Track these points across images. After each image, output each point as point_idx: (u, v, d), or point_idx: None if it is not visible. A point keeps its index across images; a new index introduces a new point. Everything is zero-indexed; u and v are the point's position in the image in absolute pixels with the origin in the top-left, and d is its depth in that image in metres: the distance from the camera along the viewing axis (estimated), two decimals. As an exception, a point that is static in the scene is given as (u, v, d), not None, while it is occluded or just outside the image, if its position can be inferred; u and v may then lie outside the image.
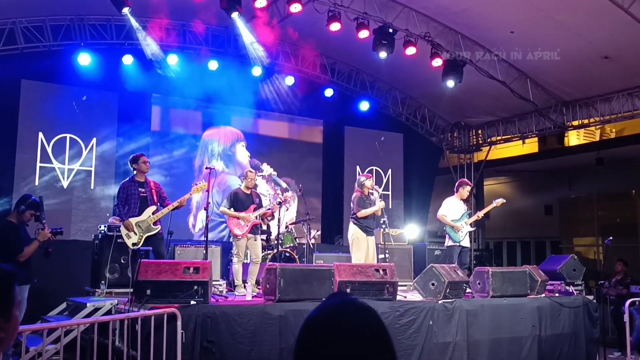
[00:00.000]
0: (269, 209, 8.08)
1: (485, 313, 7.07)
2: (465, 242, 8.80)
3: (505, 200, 9.14)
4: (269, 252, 9.19)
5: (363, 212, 8.19)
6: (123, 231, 7.16)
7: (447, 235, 8.85)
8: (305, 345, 1.32)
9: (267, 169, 11.94)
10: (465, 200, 9.38)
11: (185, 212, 10.42)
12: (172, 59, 10.73)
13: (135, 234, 7.15)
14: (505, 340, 7.16)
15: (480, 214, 9.11)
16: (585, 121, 12.12)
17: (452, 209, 8.88)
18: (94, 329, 5.06)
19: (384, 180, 13.68)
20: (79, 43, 10.20)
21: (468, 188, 9.05)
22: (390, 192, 13.68)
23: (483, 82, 11.27)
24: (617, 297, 9.65)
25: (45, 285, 7.76)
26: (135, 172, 7.43)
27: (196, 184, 7.52)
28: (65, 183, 10.14)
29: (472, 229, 8.98)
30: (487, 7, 9.86)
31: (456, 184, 9.16)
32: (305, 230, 9.88)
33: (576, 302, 7.91)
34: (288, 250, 9.40)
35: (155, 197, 7.41)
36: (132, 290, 5.83)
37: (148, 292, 5.61)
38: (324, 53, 12.21)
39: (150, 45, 10.20)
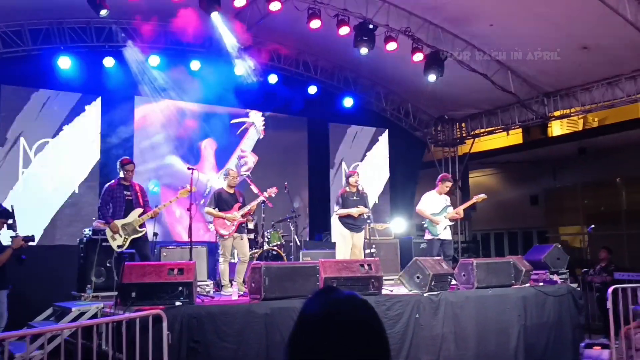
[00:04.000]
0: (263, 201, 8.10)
1: (470, 304, 7.12)
2: (446, 235, 8.84)
3: (486, 196, 9.20)
4: (256, 250, 9.20)
5: (339, 213, 8.25)
6: (108, 233, 7.16)
7: (426, 230, 8.91)
8: (302, 342, 1.28)
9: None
10: (451, 193, 9.43)
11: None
12: (154, 60, 10.70)
13: (121, 236, 7.16)
14: (492, 331, 7.22)
15: (460, 210, 9.15)
16: (567, 111, 12.24)
17: (431, 203, 8.92)
18: (79, 333, 5.04)
19: (370, 176, 13.70)
20: (59, 47, 10.13)
21: (448, 184, 9.07)
22: (375, 187, 13.73)
23: (465, 75, 11.33)
24: (601, 284, 9.76)
25: (32, 291, 7.77)
26: (121, 175, 7.44)
27: (183, 187, 7.52)
28: (49, 187, 10.08)
29: (451, 223, 9.02)
30: (466, 1, 9.91)
31: (437, 179, 9.21)
32: (292, 228, 9.89)
33: (560, 290, 7.99)
34: (275, 248, 9.41)
35: (140, 200, 7.42)
36: (116, 293, 5.81)
37: (133, 294, 5.61)
38: (306, 50, 12.22)
39: (130, 47, 10.16)
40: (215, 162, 11.77)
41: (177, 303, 5.59)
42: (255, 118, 12.40)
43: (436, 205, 8.90)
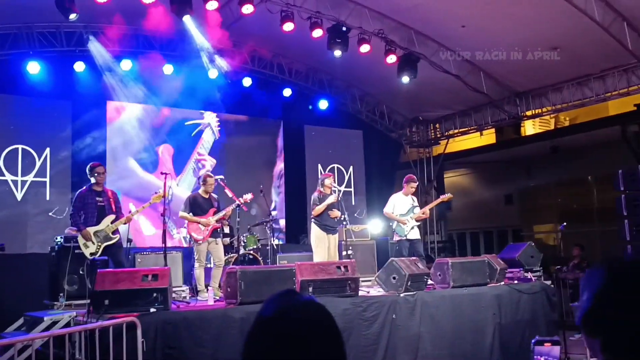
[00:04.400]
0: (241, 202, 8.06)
1: (446, 304, 7.17)
2: (414, 235, 8.93)
3: (452, 195, 9.35)
4: (232, 255, 9.15)
5: (317, 209, 8.24)
6: (80, 241, 7.06)
7: (394, 231, 8.99)
8: (255, 343, 1.29)
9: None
10: (425, 194, 9.52)
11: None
12: (126, 65, 10.60)
13: (93, 243, 7.06)
14: (467, 329, 7.27)
15: (426, 209, 9.28)
16: (538, 111, 12.43)
17: (398, 204, 9.03)
18: (50, 343, 4.96)
19: (346, 178, 13.76)
20: (27, 52, 9.97)
21: (414, 185, 9.20)
22: (352, 189, 13.78)
23: (438, 76, 11.43)
24: (574, 280, 9.91)
25: (2, 301, 7.59)
26: (93, 181, 7.33)
27: (156, 193, 7.45)
28: (19, 195, 9.90)
29: (417, 223, 9.11)
30: (438, 3, 10.01)
31: (404, 180, 9.30)
32: (268, 232, 9.86)
33: (534, 288, 8.09)
34: (251, 252, 9.37)
35: (113, 206, 7.34)
36: (89, 301, 5.73)
37: (106, 302, 5.53)
38: (280, 53, 12.21)
39: (101, 52, 10.04)
40: (173, 167, 11.67)
41: (152, 309, 5.53)
42: (210, 119, 12.28)
43: (403, 207, 9.00)
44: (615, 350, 1.24)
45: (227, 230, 9.97)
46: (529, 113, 12.60)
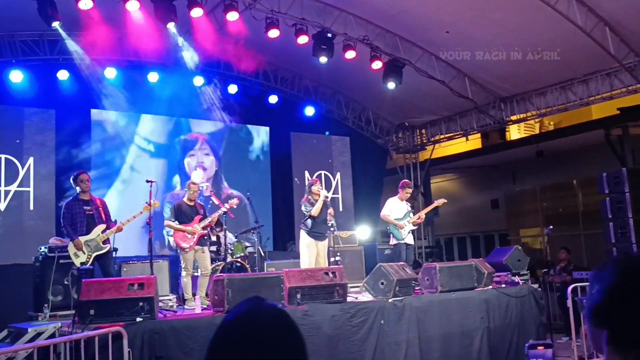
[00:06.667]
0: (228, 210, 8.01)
1: (434, 309, 7.18)
2: (409, 240, 9.01)
3: (446, 200, 9.40)
4: (219, 263, 9.10)
5: (316, 209, 8.18)
6: (71, 250, 6.98)
7: (391, 235, 9.02)
8: (216, 348, 1.33)
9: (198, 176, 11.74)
10: (412, 199, 9.56)
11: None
12: (110, 73, 10.54)
13: (84, 253, 6.97)
14: (456, 334, 7.29)
15: (422, 213, 9.34)
16: (523, 115, 12.51)
17: (394, 208, 9.08)
18: (35, 354, 4.88)
19: (333, 184, 13.76)
20: (10, 60, 9.88)
21: (409, 190, 9.28)
22: (340, 195, 13.77)
23: (423, 82, 11.49)
24: (561, 283, 9.97)
25: (-14, 313, 7.48)
26: (78, 190, 7.26)
27: (147, 202, 7.38)
28: (2, 205, 9.78)
29: (414, 227, 9.19)
30: (422, 9, 10.07)
31: (399, 185, 9.36)
32: (256, 239, 9.83)
33: (522, 291, 8.13)
34: (239, 260, 9.33)
35: (102, 215, 7.26)
36: (74, 311, 5.66)
37: (91, 312, 5.47)
38: (265, 60, 12.19)
39: (84, 60, 9.98)
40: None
41: (138, 319, 5.49)
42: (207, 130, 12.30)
43: (399, 211, 9.06)
44: (622, 342, 1.32)
45: (214, 238, 9.94)
46: (513, 117, 12.69)
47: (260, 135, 13.14)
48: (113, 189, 10.81)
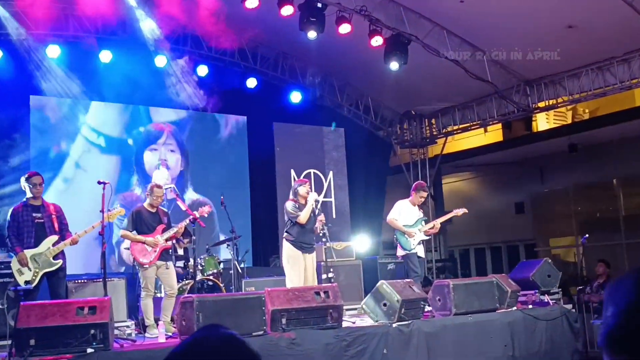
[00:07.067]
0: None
1: (448, 334, 7.19)
2: (420, 252, 9.01)
3: (467, 210, 9.40)
4: (188, 281, 9.08)
5: (303, 216, 8.15)
6: (14, 266, 6.91)
7: (398, 244, 9.01)
8: None
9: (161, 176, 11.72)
10: (423, 204, 9.57)
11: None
12: (53, 51, 10.48)
13: (30, 269, 6.89)
14: (474, 365, 7.31)
15: (437, 222, 9.32)
16: (553, 101, 12.57)
17: (404, 213, 9.08)
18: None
19: (325, 185, 13.76)
20: None
21: (424, 194, 9.27)
22: (333, 199, 13.77)
23: (433, 62, 11.51)
24: (599, 303, 10.01)
25: None
26: (28, 194, 7.19)
27: (109, 210, 7.33)
28: None
29: (427, 237, 9.20)
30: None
31: (412, 187, 9.37)
32: (232, 253, 9.81)
33: (553, 313, 8.16)
34: (211, 277, 9.32)
35: (55, 225, 7.20)
36: (10, 341, 5.62)
37: (32, 342, 5.42)
38: (242, 35, 12.16)
39: (21, 35, 9.92)
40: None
41: (89, 350, 5.45)
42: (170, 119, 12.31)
43: (410, 217, 9.06)
44: None
45: (180, 252, 9.90)
46: (541, 104, 12.75)
47: (236, 126, 13.11)
48: (52, 188, 10.70)
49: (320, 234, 8.44)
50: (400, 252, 9.07)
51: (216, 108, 12.47)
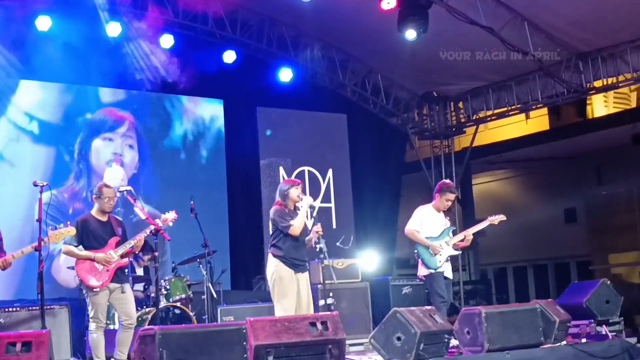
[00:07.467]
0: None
1: (480, 377, 7.21)
2: (447, 272, 8.99)
3: (505, 217, 9.37)
4: (149, 309, 9.09)
5: (296, 226, 8.10)
6: None
7: (419, 261, 9.00)
8: None
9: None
10: (449, 210, 9.58)
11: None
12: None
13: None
14: (512, 415, 7.33)
15: (469, 233, 9.27)
16: (613, 80, 12.58)
17: (427, 222, 9.06)
18: None
19: (323, 187, 13.77)
20: None
21: (451, 196, 9.22)
22: (333, 205, 13.78)
23: (461, 30, 11.52)
24: (672, 336, 10.05)
25: None
26: None
27: (57, 228, 7.31)
28: None
29: (456, 252, 9.16)
30: None
31: (435, 188, 9.35)
32: (205, 272, 9.83)
33: (612, 349, 8.15)
34: (178, 304, 9.33)
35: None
36: None
37: (-51, 388, 5.46)
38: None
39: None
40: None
41: (23, 398, 5.47)
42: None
43: (434, 226, 9.05)
44: None
45: (139, 271, 9.91)
46: (597, 84, 12.76)
47: (210, 111, 13.12)
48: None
49: (317, 249, 8.42)
50: (422, 272, 9.02)
51: (185, 89, 12.46)
